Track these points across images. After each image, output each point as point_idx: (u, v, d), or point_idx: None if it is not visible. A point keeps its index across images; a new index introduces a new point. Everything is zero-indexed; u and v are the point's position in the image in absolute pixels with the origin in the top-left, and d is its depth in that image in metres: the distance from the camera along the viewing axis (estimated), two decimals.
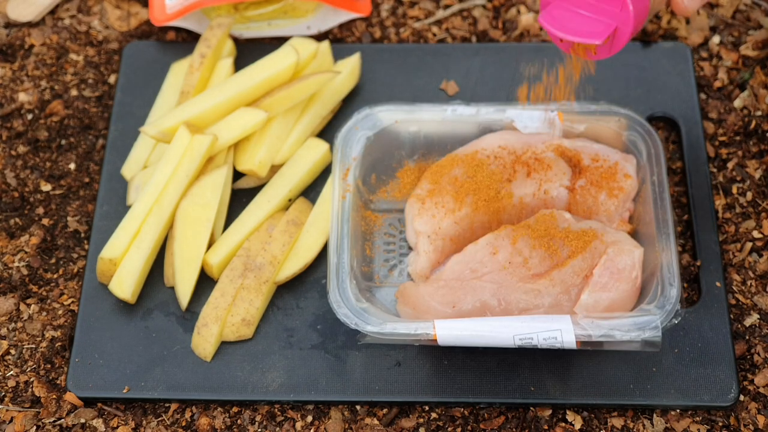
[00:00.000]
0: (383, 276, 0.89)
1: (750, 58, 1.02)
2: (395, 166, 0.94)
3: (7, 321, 0.90)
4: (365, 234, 0.91)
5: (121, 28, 1.07)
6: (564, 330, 0.78)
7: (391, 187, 0.93)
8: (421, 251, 0.87)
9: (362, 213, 0.91)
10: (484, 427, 0.84)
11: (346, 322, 0.81)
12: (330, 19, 1.05)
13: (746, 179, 0.95)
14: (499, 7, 1.07)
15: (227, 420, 0.85)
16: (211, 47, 0.97)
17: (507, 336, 0.79)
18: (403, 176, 0.94)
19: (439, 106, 0.92)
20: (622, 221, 0.89)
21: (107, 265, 0.88)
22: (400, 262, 0.90)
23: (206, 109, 0.92)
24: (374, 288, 0.88)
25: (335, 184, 0.88)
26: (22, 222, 0.95)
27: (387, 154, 0.93)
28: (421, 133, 0.93)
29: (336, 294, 0.83)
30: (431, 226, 0.87)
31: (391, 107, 0.92)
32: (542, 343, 0.79)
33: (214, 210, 0.90)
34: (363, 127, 0.92)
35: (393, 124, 0.92)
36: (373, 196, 0.93)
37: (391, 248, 0.91)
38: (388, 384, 0.85)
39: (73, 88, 1.03)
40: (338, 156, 0.90)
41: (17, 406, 0.86)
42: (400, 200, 0.93)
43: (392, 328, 0.80)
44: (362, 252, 0.89)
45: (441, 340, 0.79)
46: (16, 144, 1.00)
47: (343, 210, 0.87)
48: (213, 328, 0.86)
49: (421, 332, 0.80)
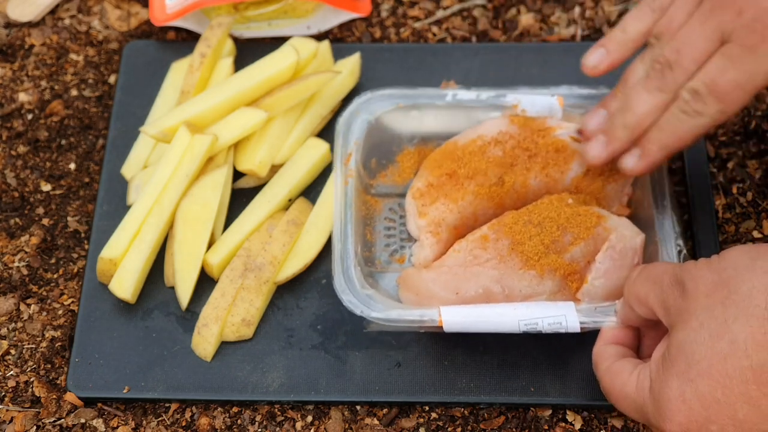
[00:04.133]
0: (384, 261, 0.89)
1: None
2: (395, 150, 0.94)
3: (7, 321, 0.90)
4: (366, 219, 0.91)
5: (121, 28, 1.07)
6: (568, 315, 0.79)
7: (391, 171, 0.93)
8: (425, 243, 0.87)
9: (363, 198, 0.91)
10: (484, 427, 0.84)
11: (351, 308, 0.81)
12: (330, 19, 1.05)
13: (746, 179, 0.95)
14: (499, 7, 1.07)
15: (227, 420, 0.85)
16: (211, 47, 0.97)
17: (512, 321, 0.79)
18: (402, 160, 0.94)
19: (439, 91, 0.92)
20: (621, 206, 0.89)
21: (107, 265, 0.88)
22: (401, 247, 0.90)
23: (206, 109, 0.92)
24: (376, 273, 0.88)
25: (337, 170, 0.88)
26: (22, 222, 0.95)
27: (387, 139, 0.93)
28: (422, 118, 0.93)
29: (341, 280, 0.83)
30: (433, 217, 0.87)
31: (392, 91, 0.92)
32: (547, 328, 0.79)
33: (214, 210, 0.90)
34: (364, 112, 0.92)
35: (394, 109, 0.92)
36: (373, 180, 0.93)
37: (391, 233, 0.91)
38: (388, 384, 0.85)
39: (73, 88, 1.03)
40: (340, 141, 0.90)
41: (17, 406, 0.86)
42: (400, 185, 0.93)
43: (398, 315, 0.80)
44: (363, 237, 0.89)
45: (447, 327, 0.79)
46: (16, 144, 1.00)
47: (347, 195, 0.87)
48: (213, 328, 0.86)
49: (426, 318, 0.80)
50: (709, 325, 0.66)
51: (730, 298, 0.66)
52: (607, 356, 0.77)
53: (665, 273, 0.72)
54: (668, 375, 0.68)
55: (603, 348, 0.78)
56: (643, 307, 0.74)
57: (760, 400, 0.64)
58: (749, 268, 0.67)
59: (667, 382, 0.68)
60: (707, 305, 0.67)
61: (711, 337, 0.66)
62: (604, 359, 0.77)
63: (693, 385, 0.66)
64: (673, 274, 0.71)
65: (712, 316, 0.66)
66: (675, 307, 0.70)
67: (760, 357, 0.63)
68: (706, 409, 0.66)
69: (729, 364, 0.65)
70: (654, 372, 0.70)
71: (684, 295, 0.69)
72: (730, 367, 0.64)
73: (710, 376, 0.65)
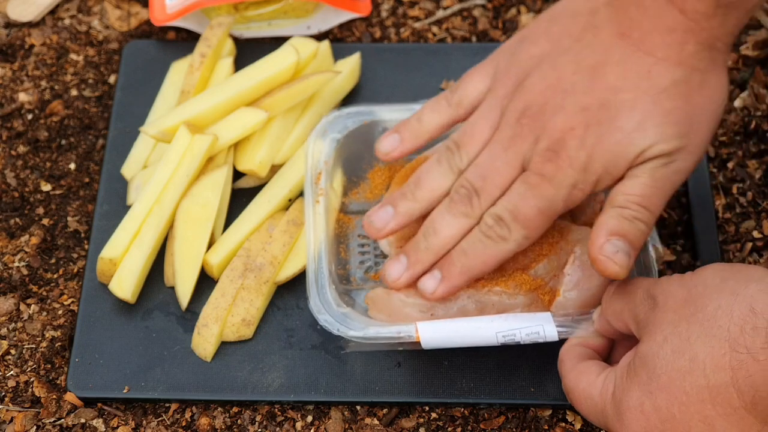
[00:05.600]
0: (360, 278, 0.89)
1: (750, 58, 1.02)
2: (365, 167, 0.93)
3: (7, 321, 0.90)
4: (339, 237, 0.90)
5: (121, 28, 1.07)
6: (546, 325, 0.79)
7: (362, 189, 0.93)
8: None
9: (335, 216, 0.90)
10: (484, 427, 0.84)
11: (328, 328, 0.80)
12: (330, 19, 1.05)
13: (746, 179, 0.95)
14: (499, 7, 1.07)
15: (227, 420, 0.85)
16: (211, 47, 0.97)
17: (490, 334, 0.79)
18: (373, 177, 0.93)
19: (407, 106, 0.92)
20: (594, 212, 0.88)
21: (107, 265, 0.88)
22: (375, 264, 0.90)
23: (206, 109, 0.92)
24: (352, 291, 0.88)
25: (307, 189, 0.88)
26: (22, 222, 0.95)
27: (357, 156, 0.93)
28: None
29: (316, 300, 0.82)
30: (404, 233, 0.86)
31: (359, 108, 0.92)
32: (525, 339, 0.79)
33: (214, 210, 0.90)
34: (332, 131, 0.91)
35: (361, 126, 0.92)
36: (345, 198, 0.92)
37: (365, 250, 0.90)
38: (388, 384, 0.85)
39: (73, 88, 1.03)
40: (309, 161, 0.89)
41: (17, 406, 0.86)
42: (371, 201, 0.92)
43: (375, 332, 0.80)
44: (338, 255, 0.89)
45: (424, 343, 0.79)
46: (16, 144, 1.00)
47: (318, 215, 0.87)
48: (213, 328, 0.86)
49: (404, 334, 0.79)
50: (673, 341, 0.67)
51: (695, 316, 0.66)
52: (575, 355, 0.77)
53: (639, 288, 0.73)
54: (630, 384, 0.69)
55: (571, 347, 0.78)
56: (619, 322, 0.75)
57: (715, 420, 0.65)
58: (718, 288, 0.67)
59: (628, 391, 0.69)
60: (673, 320, 0.68)
61: (673, 353, 0.66)
62: (571, 357, 0.77)
63: (652, 397, 0.67)
64: (646, 289, 0.72)
65: (676, 332, 0.67)
66: (644, 319, 0.71)
67: (718, 378, 0.64)
68: (663, 422, 0.67)
69: (687, 381, 0.65)
70: (619, 378, 0.71)
71: (654, 309, 0.70)
72: (689, 385, 0.65)
73: (669, 391, 0.66)
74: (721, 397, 0.64)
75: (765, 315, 0.63)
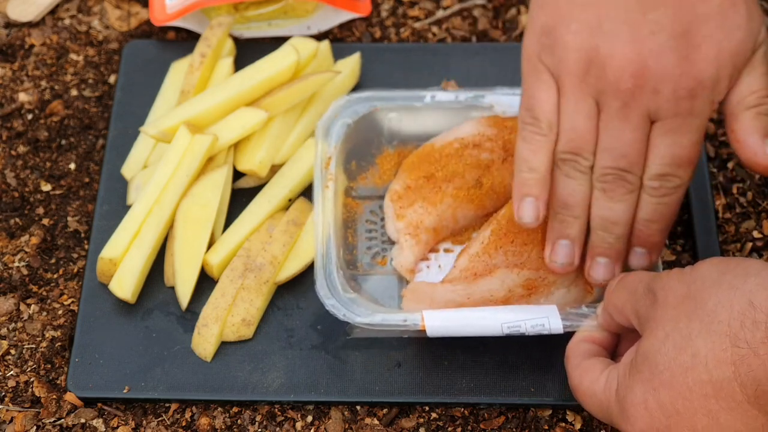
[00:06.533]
0: (367, 264, 0.89)
1: None
2: (374, 152, 0.94)
3: (7, 321, 0.90)
4: (347, 222, 0.91)
5: (121, 28, 1.07)
6: (551, 317, 0.79)
7: (371, 174, 0.93)
8: (405, 247, 0.87)
9: (344, 200, 0.91)
10: (484, 427, 0.84)
11: (334, 313, 0.81)
12: (330, 19, 1.05)
13: (746, 179, 0.95)
14: (499, 7, 1.07)
15: (227, 420, 0.85)
16: (211, 47, 0.97)
17: (495, 324, 0.79)
18: (382, 162, 0.94)
19: (417, 93, 0.92)
20: None
21: (107, 265, 0.88)
22: (383, 249, 0.90)
23: (206, 109, 0.92)
24: (359, 277, 0.88)
25: (317, 174, 0.88)
26: (22, 222, 0.95)
27: (366, 141, 0.93)
28: (401, 120, 0.93)
29: (324, 285, 0.82)
30: (411, 219, 0.87)
31: (370, 94, 0.93)
32: (530, 330, 0.79)
33: (214, 210, 0.90)
34: (343, 116, 0.92)
35: (372, 112, 0.92)
36: (354, 183, 0.93)
37: (373, 235, 0.91)
38: (388, 384, 0.85)
39: (73, 88, 1.03)
40: (319, 145, 0.90)
41: (17, 406, 0.86)
42: (380, 186, 0.93)
43: (381, 319, 0.80)
44: (345, 240, 0.89)
45: (430, 331, 0.79)
46: (16, 144, 1.00)
47: (327, 199, 0.87)
48: (213, 328, 0.86)
49: (410, 322, 0.80)
50: (674, 337, 0.67)
51: (695, 312, 0.67)
52: (580, 352, 0.78)
53: (640, 282, 0.73)
54: (633, 381, 0.69)
55: (577, 344, 0.79)
56: (621, 316, 0.75)
57: (719, 414, 0.65)
58: (716, 282, 0.67)
59: (631, 388, 0.69)
60: (674, 317, 0.68)
61: (675, 349, 0.67)
62: (577, 355, 0.78)
63: (655, 394, 0.67)
64: (647, 284, 0.72)
65: (677, 329, 0.67)
66: (645, 315, 0.71)
67: (720, 373, 0.64)
68: (667, 418, 0.67)
69: (690, 377, 0.66)
70: (621, 375, 0.71)
71: (654, 305, 0.70)
72: (691, 381, 0.66)
73: (672, 387, 0.66)
74: (725, 392, 0.64)
75: (764, 309, 0.63)
